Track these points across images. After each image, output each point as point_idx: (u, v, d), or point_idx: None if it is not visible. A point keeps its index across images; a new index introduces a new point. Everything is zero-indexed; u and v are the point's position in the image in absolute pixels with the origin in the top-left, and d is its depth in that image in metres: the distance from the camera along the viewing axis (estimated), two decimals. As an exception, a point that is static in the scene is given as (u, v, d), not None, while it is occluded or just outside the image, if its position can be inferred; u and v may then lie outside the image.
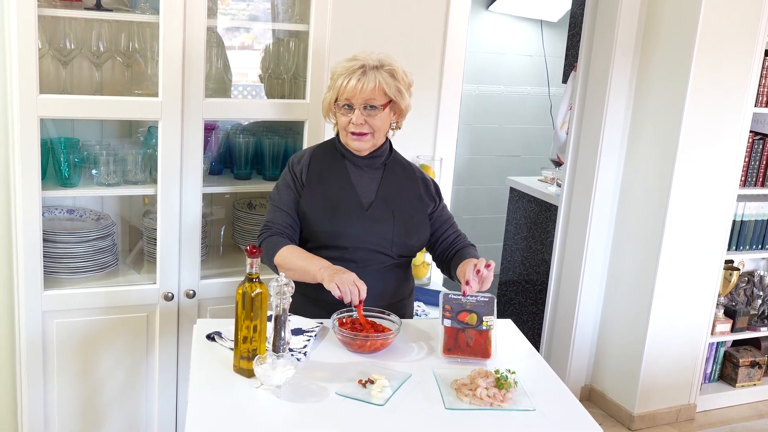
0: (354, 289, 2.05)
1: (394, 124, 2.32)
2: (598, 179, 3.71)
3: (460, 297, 2.12)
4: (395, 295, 2.33)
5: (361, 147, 2.26)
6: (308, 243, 2.31)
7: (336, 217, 2.25)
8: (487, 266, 2.12)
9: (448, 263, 2.38)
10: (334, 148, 2.34)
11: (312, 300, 2.26)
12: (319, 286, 2.23)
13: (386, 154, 2.33)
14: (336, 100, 2.23)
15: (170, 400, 2.71)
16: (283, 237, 2.26)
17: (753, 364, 4.03)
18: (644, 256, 3.61)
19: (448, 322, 2.10)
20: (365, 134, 2.23)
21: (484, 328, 2.09)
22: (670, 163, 3.46)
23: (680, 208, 3.51)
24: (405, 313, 2.38)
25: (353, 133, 2.23)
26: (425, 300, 2.97)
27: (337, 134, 2.33)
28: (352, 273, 2.09)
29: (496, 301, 2.14)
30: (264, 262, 2.23)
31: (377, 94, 2.19)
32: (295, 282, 1.91)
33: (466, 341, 2.07)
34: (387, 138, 2.33)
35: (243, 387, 1.85)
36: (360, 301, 2.06)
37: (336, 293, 2.04)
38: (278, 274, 1.88)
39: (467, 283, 2.11)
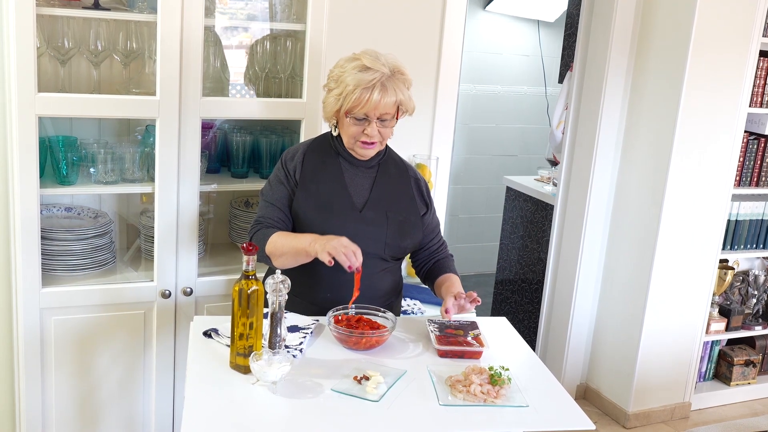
0: (349, 253, 2.03)
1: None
2: (594, 178, 3.73)
3: (443, 321, 2.20)
4: (384, 297, 2.32)
5: (369, 154, 2.25)
6: None
7: (329, 218, 2.23)
8: (474, 302, 2.18)
9: (426, 272, 2.43)
10: (328, 144, 2.30)
11: (304, 301, 2.26)
12: (312, 286, 2.25)
13: (382, 153, 2.32)
14: (349, 111, 2.16)
15: (167, 397, 2.73)
16: (275, 229, 2.23)
17: (747, 363, 4.05)
18: (639, 255, 3.63)
19: (437, 331, 2.15)
20: (375, 143, 2.22)
21: (471, 338, 2.12)
22: (665, 163, 3.48)
23: (675, 208, 3.53)
24: (392, 311, 2.37)
25: (364, 142, 2.21)
26: (421, 298, 2.98)
27: (337, 134, 2.28)
28: (343, 237, 2.07)
29: (477, 323, 2.23)
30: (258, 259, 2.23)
31: (393, 107, 2.18)
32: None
33: (458, 341, 2.10)
34: None
35: (239, 383, 1.87)
36: (359, 265, 2.04)
37: (326, 259, 2.01)
38: (273, 269, 1.89)
39: (447, 311, 2.20)
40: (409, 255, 2.47)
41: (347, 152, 2.27)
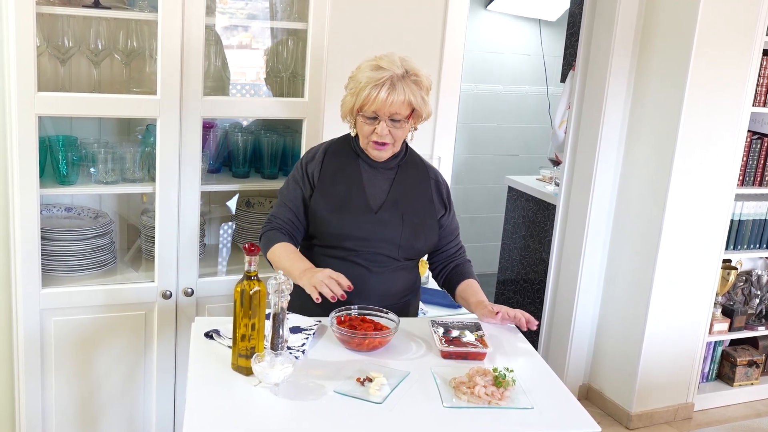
0: (331, 283, 2.04)
1: (413, 128, 2.29)
2: (596, 178, 3.72)
3: (447, 323, 2.20)
4: (400, 295, 2.33)
5: (382, 156, 2.25)
6: (314, 240, 2.31)
7: (344, 218, 2.24)
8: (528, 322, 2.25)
9: (445, 278, 2.42)
10: (348, 145, 2.31)
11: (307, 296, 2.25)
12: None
13: (402, 154, 2.32)
14: (360, 109, 2.18)
15: (168, 398, 2.71)
16: (282, 232, 2.26)
17: (750, 364, 4.04)
18: (642, 255, 3.62)
19: (441, 331, 2.14)
20: (387, 144, 2.22)
21: (474, 339, 2.10)
22: (667, 162, 3.46)
23: (678, 207, 3.51)
24: (409, 311, 2.38)
25: (375, 143, 2.21)
26: (423, 298, 2.96)
27: (356, 135, 2.29)
28: (326, 269, 2.09)
29: (481, 324, 2.24)
30: (264, 256, 2.25)
31: (404, 107, 2.16)
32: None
33: (461, 342, 2.08)
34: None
35: (241, 385, 1.85)
36: (343, 294, 2.04)
37: (314, 296, 2.04)
38: (276, 271, 1.88)
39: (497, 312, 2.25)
40: (427, 256, 2.46)
41: (367, 157, 2.28)
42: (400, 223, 2.27)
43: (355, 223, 2.24)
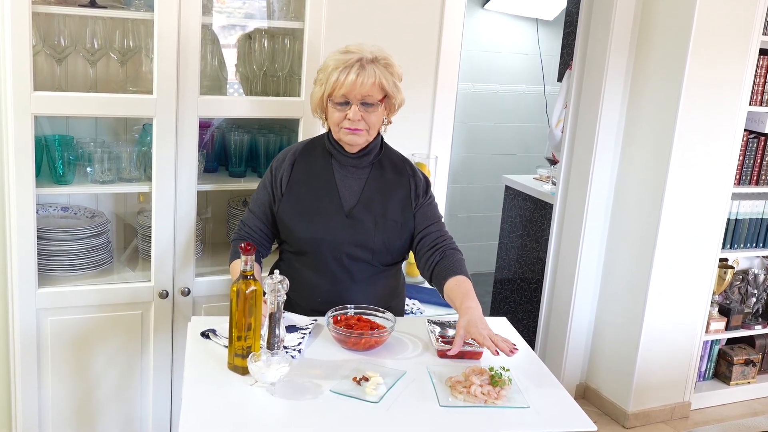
0: None
1: (385, 120, 2.23)
2: (593, 177, 3.72)
3: (443, 322, 2.19)
4: (379, 302, 2.22)
5: (356, 141, 2.17)
6: (287, 246, 2.29)
7: (314, 222, 2.19)
8: (513, 351, 1.96)
9: (432, 269, 2.21)
10: (322, 145, 2.26)
11: (293, 304, 2.25)
12: (303, 292, 2.26)
13: (376, 151, 2.25)
14: (330, 95, 2.14)
15: (165, 398, 2.71)
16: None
17: (747, 362, 4.04)
18: (639, 254, 3.62)
19: (437, 330, 2.14)
20: (361, 130, 2.15)
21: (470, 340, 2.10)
22: (664, 162, 3.47)
23: (675, 206, 3.52)
24: (393, 313, 2.33)
25: (348, 128, 2.14)
26: (420, 298, 2.97)
27: (328, 131, 2.26)
28: None
29: None
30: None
31: (375, 89, 2.12)
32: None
33: None
34: (379, 134, 2.26)
35: (237, 384, 1.85)
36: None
37: None
38: (270, 275, 1.88)
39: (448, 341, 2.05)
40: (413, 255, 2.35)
41: (339, 153, 2.23)
42: (372, 225, 2.20)
43: (326, 226, 2.19)
